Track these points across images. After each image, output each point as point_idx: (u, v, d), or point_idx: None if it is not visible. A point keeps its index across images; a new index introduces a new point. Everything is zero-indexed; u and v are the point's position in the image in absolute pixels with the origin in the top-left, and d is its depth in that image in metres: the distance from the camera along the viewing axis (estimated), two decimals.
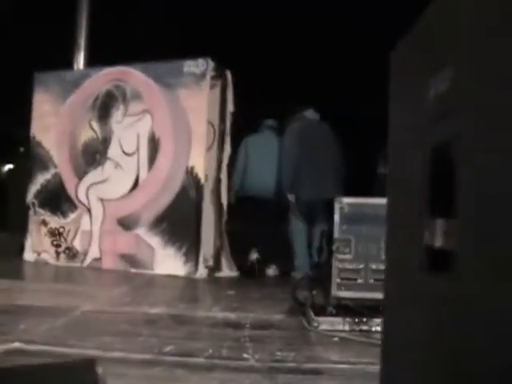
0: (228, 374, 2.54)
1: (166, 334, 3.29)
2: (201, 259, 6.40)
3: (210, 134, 6.73)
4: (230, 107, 6.86)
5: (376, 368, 2.81)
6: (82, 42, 8.24)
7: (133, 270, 6.62)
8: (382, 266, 3.70)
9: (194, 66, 6.56)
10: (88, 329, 3.36)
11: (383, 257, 3.77)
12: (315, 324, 3.63)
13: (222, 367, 2.64)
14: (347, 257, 3.77)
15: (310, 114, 7.04)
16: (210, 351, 2.90)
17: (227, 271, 6.79)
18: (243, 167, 7.13)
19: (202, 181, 6.45)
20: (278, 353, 2.95)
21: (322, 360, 2.86)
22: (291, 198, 6.77)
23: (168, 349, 2.91)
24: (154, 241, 6.62)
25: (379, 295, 3.64)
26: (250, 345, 3.11)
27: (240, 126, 7.09)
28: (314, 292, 4.06)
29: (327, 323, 3.62)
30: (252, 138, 7.27)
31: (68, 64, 8.18)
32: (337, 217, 3.79)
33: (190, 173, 6.47)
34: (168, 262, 6.49)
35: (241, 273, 6.78)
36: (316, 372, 2.66)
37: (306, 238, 6.92)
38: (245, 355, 2.86)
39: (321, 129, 6.92)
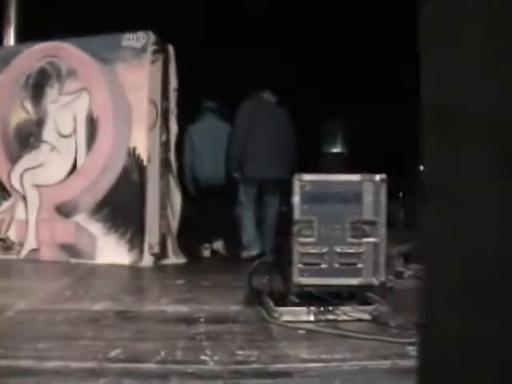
0: (185, 382, 2.19)
1: (112, 335, 2.90)
2: (146, 246, 6.00)
3: (152, 112, 6.29)
4: (174, 84, 6.45)
5: (353, 364, 2.54)
6: (12, 15, 7.65)
7: (73, 261, 6.17)
8: (347, 249, 3.40)
9: (133, 39, 6.11)
10: (21, 333, 2.93)
11: (349, 239, 3.48)
12: (276, 315, 3.30)
13: (177, 373, 2.28)
14: (309, 240, 3.42)
15: (266, 95, 6.91)
16: (163, 354, 2.54)
17: (174, 258, 6.41)
18: (192, 159, 7.13)
19: (145, 162, 6.03)
20: (240, 352, 2.61)
21: (290, 359, 2.53)
22: (237, 175, 6.73)
23: (114, 353, 2.53)
24: (96, 228, 6.18)
25: (345, 281, 3.39)
26: (207, 344, 2.77)
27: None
28: (272, 279, 3.73)
29: (289, 314, 3.30)
30: (194, 127, 7.19)
31: None
32: (297, 196, 3.44)
33: (132, 154, 6.04)
34: (111, 250, 6.06)
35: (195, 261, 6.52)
36: (285, 374, 2.33)
37: (254, 215, 6.89)
38: (202, 357, 2.51)
39: (275, 110, 6.84)
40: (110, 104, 6.20)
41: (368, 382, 2.26)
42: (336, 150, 28.23)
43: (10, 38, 7.64)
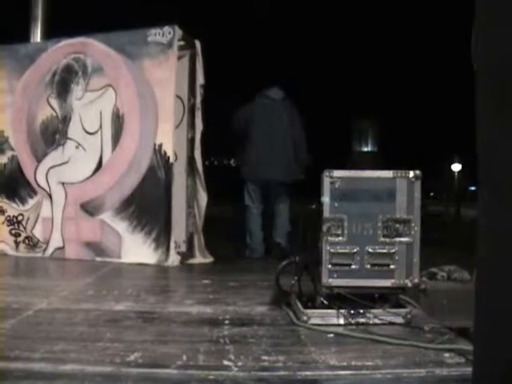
0: None
1: (132, 337, 2.78)
2: (172, 245, 5.87)
3: (178, 108, 6.18)
4: (200, 79, 6.32)
5: (385, 372, 2.39)
6: (39, 12, 7.58)
7: (98, 259, 6.07)
8: (379, 249, 3.24)
9: (159, 34, 5.99)
10: (38, 334, 2.82)
11: (381, 238, 3.32)
12: (304, 318, 3.16)
13: (198, 380, 2.15)
14: (339, 239, 3.27)
15: (273, 92, 6.93)
16: (184, 358, 2.41)
17: (201, 258, 6.29)
18: None
19: (172, 160, 5.89)
20: (265, 357, 2.47)
21: (318, 365, 2.37)
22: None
23: (133, 357, 2.41)
24: (121, 226, 6.07)
25: (377, 282, 3.22)
26: (230, 347, 2.63)
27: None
28: (301, 280, 3.57)
29: (318, 316, 3.15)
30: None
31: (24, 37, 7.54)
32: (327, 193, 3.29)
33: (158, 151, 5.91)
34: (136, 249, 5.95)
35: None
36: (314, 382, 2.19)
37: (261, 216, 6.97)
38: (225, 362, 2.37)
39: (279, 107, 6.83)
40: (137, 100, 6.09)
41: None
42: (367, 148, 28.07)
43: (37, 35, 7.57)
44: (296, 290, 3.47)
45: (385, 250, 3.25)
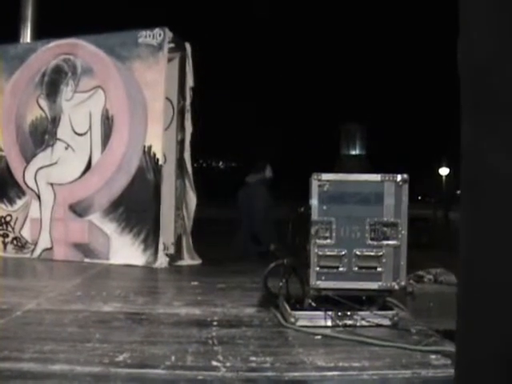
0: None
1: (121, 338, 2.79)
2: (160, 247, 5.89)
3: (168, 110, 6.20)
4: (190, 82, 6.34)
5: (371, 373, 2.41)
6: (29, 13, 7.56)
7: (87, 261, 6.08)
8: (367, 252, 3.27)
9: (149, 36, 6.01)
10: (27, 334, 2.82)
11: (368, 241, 3.35)
12: (292, 320, 3.18)
13: (186, 380, 2.17)
14: (328, 242, 3.29)
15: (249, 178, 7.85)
16: (172, 359, 2.42)
17: (189, 259, 6.31)
18: None
19: (161, 161, 5.91)
20: (253, 358, 2.49)
21: (306, 366, 2.40)
22: None
23: (122, 357, 2.42)
24: (110, 228, 6.08)
25: (364, 285, 3.25)
26: (218, 348, 2.65)
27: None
28: (289, 282, 3.59)
29: (306, 318, 3.17)
30: None
31: (13, 37, 7.51)
32: (315, 196, 3.31)
33: (148, 153, 5.93)
34: (125, 250, 5.95)
35: None
36: (301, 383, 2.21)
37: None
38: (214, 363, 2.39)
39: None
40: (126, 102, 6.10)
41: None
42: (355, 152, 28.10)
43: (26, 36, 7.54)
44: (284, 292, 3.49)
45: (372, 253, 3.27)
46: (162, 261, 5.85)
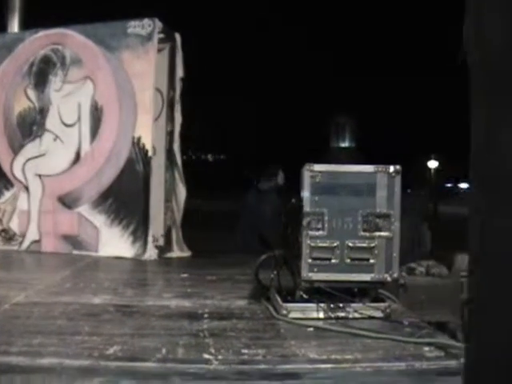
0: (187, 383, 2.04)
1: (110, 331, 2.75)
2: (150, 239, 5.84)
3: (157, 102, 6.14)
4: (180, 73, 6.28)
5: (365, 366, 2.38)
6: (16, 2, 7.45)
7: (76, 253, 6.01)
8: (359, 243, 3.24)
9: (139, 26, 5.93)
10: (15, 327, 2.78)
11: (361, 233, 3.32)
12: (284, 312, 3.14)
13: (178, 373, 2.13)
14: (320, 233, 3.26)
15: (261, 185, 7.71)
16: (163, 351, 2.39)
17: (178, 252, 6.26)
18: None
19: (150, 153, 5.85)
20: (245, 350, 2.46)
21: (298, 359, 2.37)
22: None
23: (112, 350, 2.38)
24: (99, 220, 6.01)
25: (357, 277, 3.22)
26: (210, 341, 2.61)
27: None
28: (280, 274, 3.56)
29: (298, 310, 3.14)
30: None
31: (0, 27, 7.41)
32: (307, 187, 3.28)
33: (137, 144, 5.87)
34: (114, 242, 5.89)
35: None
36: (294, 375, 2.18)
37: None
38: (205, 356, 2.35)
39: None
40: (115, 93, 6.03)
41: None
42: (344, 144, 28.16)
43: (14, 25, 7.44)
44: (275, 284, 3.46)
45: (365, 245, 3.25)
46: (152, 253, 5.80)
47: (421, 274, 4.71)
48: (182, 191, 6.34)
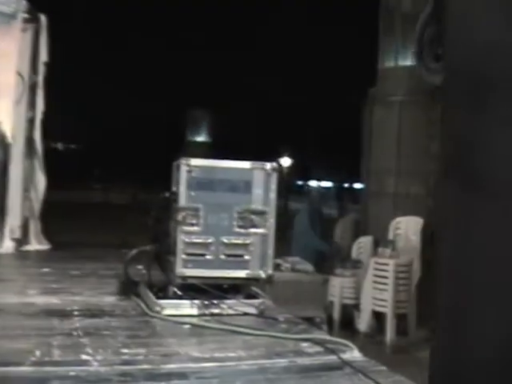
0: None
1: None
2: (6, 230, 5.52)
3: (18, 85, 5.80)
4: (44, 57, 5.96)
5: (250, 363, 2.38)
6: None
7: None
8: (234, 240, 3.24)
9: (2, 3, 5.56)
10: None
11: (236, 229, 3.31)
12: (157, 308, 3.08)
13: (58, 377, 2.01)
14: (194, 229, 3.22)
15: None
16: (37, 354, 2.24)
17: (36, 244, 5.96)
18: None
19: (9, 139, 5.53)
20: (125, 350, 2.38)
21: (182, 358, 2.33)
22: None
23: None
24: None
25: (231, 273, 3.22)
26: (85, 340, 2.50)
27: None
28: (152, 269, 3.48)
29: (172, 307, 3.08)
30: None
31: None
32: (183, 181, 3.22)
33: None
34: None
35: None
36: (180, 375, 2.13)
37: None
38: (84, 356, 2.25)
39: None
40: None
41: (271, 382, 2.11)
42: (201, 138, 28.23)
43: None
44: (146, 280, 3.38)
45: (240, 241, 3.25)
46: (8, 246, 5.48)
47: (286, 269, 4.81)
48: (41, 181, 6.04)
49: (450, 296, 1.05)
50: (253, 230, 3.27)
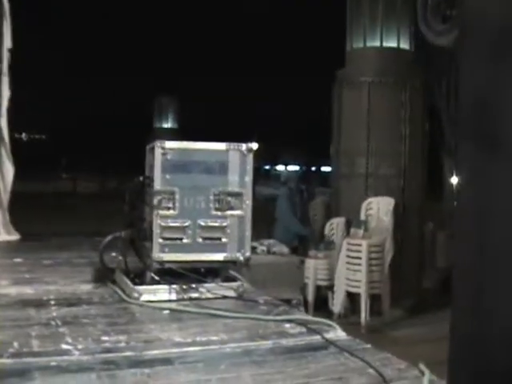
0: (52, 378, 1.88)
1: None
2: None
3: None
4: (8, 43, 5.82)
5: (234, 346, 2.34)
6: None
7: None
8: (211, 223, 3.19)
9: None
10: None
11: (213, 212, 3.26)
12: (135, 295, 3.02)
13: (39, 368, 1.95)
14: (171, 212, 3.16)
15: None
16: (16, 345, 2.18)
17: (5, 235, 5.85)
18: None
19: None
20: (105, 337, 2.33)
21: (164, 343, 2.28)
22: None
23: None
24: None
25: (209, 256, 3.18)
26: (64, 330, 2.44)
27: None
28: (127, 255, 3.41)
29: (149, 293, 3.03)
30: None
31: None
32: (158, 165, 3.16)
33: None
34: None
35: None
36: (164, 361, 2.09)
37: None
38: (64, 346, 2.19)
39: None
40: None
41: (257, 364, 2.07)
42: (167, 125, 28.04)
43: None
44: (122, 267, 3.32)
45: (217, 224, 3.21)
46: None
47: (262, 252, 4.78)
48: (9, 170, 5.91)
49: (465, 263, 1.02)
50: (229, 212, 3.23)
